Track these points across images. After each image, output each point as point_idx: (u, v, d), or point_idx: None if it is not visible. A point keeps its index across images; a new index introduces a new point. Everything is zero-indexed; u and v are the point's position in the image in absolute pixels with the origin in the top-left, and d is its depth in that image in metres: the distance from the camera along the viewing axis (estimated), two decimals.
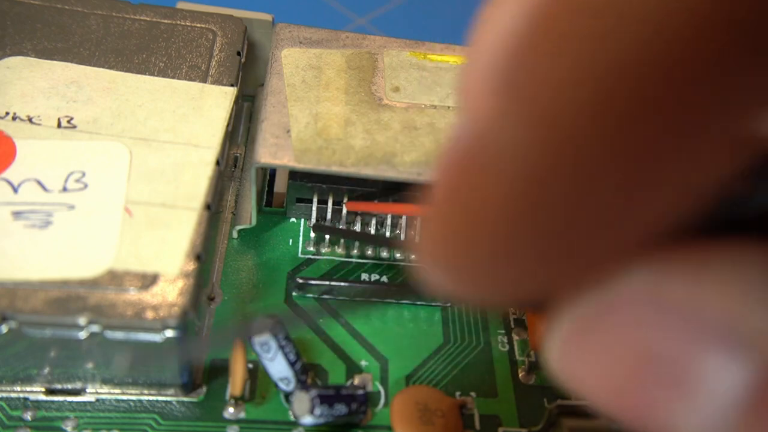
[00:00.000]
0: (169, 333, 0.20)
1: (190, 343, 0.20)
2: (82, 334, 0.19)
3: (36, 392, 0.21)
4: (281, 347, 0.21)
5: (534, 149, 0.08)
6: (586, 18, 0.07)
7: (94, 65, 0.26)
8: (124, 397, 0.22)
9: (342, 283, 0.25)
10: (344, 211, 0.27)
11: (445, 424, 0.22)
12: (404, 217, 0.27)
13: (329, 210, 0.27)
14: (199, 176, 0.23)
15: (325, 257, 0.26)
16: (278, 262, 0.26)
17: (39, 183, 0.22)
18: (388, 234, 0.27)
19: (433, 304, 0.26)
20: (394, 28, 0.41)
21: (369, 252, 0.27)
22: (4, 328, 0.19)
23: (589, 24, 0.07)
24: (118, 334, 0.20)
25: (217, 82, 0.26)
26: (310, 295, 0.25)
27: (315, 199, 0.27)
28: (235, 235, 0.27)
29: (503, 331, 0.25)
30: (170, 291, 0.20)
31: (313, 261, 0.26)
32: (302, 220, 0.28)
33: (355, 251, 0.27)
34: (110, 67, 0.26)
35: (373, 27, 0.42)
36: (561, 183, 0.08)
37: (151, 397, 0.22)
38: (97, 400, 0.22)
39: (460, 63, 0.29)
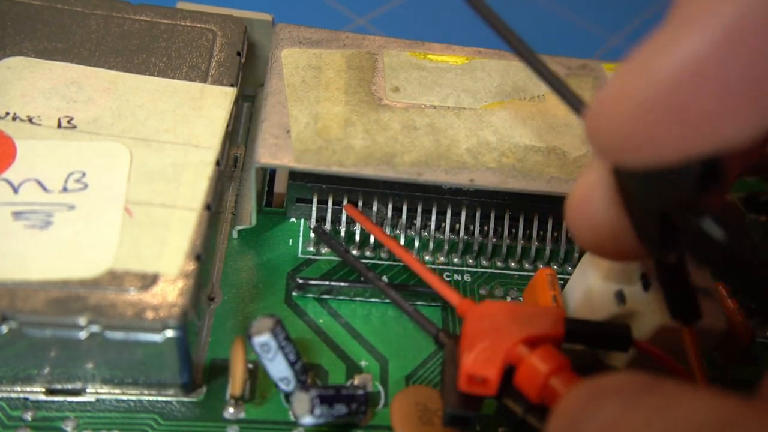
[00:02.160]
0: (169, 333, 0.20)
1: None
2: (82, 335, 0.19)
3: (36, 392, 0.21)
4: (281, 347, 0.21)
5: None
6: None
7: (94, 65, 0.26)
8: (124, 397, 0.22)
9: (342, 283, 0.25)
10: (344, 211, 0.27)
11: None
12: (404, 217, 0.27)
13: (329, 210, 0.27)
14: (199, 176, 0.23)
15: (325, 257, 0.26)
16: (278, 262, 0.26)
17: (39, 183, 0.22)
18: (388, 231, 0.27)
19: (432, 304, 0.26)
20: (394, 28, 0.41)
21: (369, 252, 0.27)
22: (4, 328, 0.19)
23: None
24: (118, 334, 0.20)
25: (217, 82, 0.26)
26: (310, 295, 0.25)
27: (315, 200, 0.27)
28: (235, 235, 0.27)
29: None
30: (170, 291, 0.20)
31: (313, 261, 0.26)
32: (302, 220, 0.28)
33: (355, 251, 0.27)
34: (110, 67, 0.26)
35: (373, 27, 0.42)
36: None
37: (151, 397, 0.22)
38: (97, 400, 0.22)
39: (460, 63, 0.29)
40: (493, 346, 0.19)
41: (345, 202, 0.27)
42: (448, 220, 0.27)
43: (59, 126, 0.24)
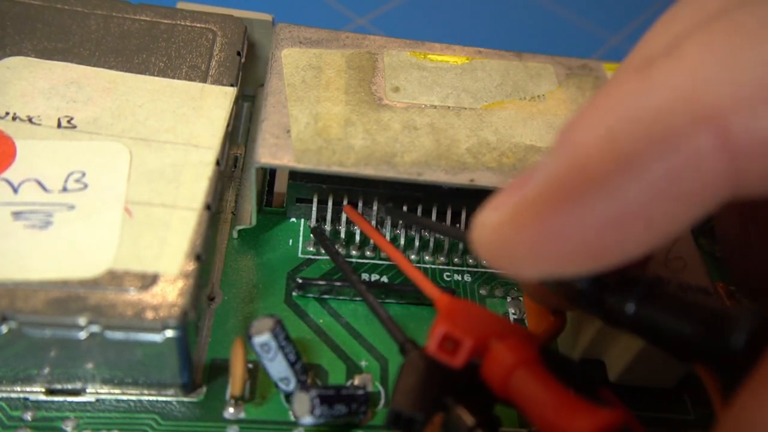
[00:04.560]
0: (169, 333, 0.20)
1: None
2: (82, 335, 0.19)
3: (36, 392, 0.21)
4: (281, 347, 0.21)
5: None
6: None
7: (94, 65, 0.26)
8: (124, 397, 0.22)
9: (342, 283, 0.25)
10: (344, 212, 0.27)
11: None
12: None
13: (329, 210, 0.27)
14: (199, 176, 0.23)
15: (325, 257, 0.26)
16: (278, 262, 0.26)
17: (39, 183, 0.22)
18: (388, 235, 0.27)
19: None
20: (394, 28, 0.41)
21: (369, 252, 0.27)
22: (4, 328, 0.19)
23: None
24: (118, 335, 0.20)
25: (217, 82, 0.26)
26: (310, 295, 0.25)
27: (315, 199, 0.27)
28: (235, 235, 0.27)
29: None
30: (170, 291, 0.20)
31: (313, 261, 0.26)
32: (302, 220, 0.28)
33: (355, 251, 0.27)
34: (110, 67, 0.26)
35: (373, 27, 0.42)
36: None
37: (151, 397, 0.22)
38: (97, 400, 0.22)
39: (461, 63, 0.29)
40: (472, 322, 0.18)
41: (345, 202, 0.27)
42: (448, 220, 0.27)
43: (59, 126, 0.24)
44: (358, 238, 0.27)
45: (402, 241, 0.27)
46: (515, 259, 0.14)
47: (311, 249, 0.27)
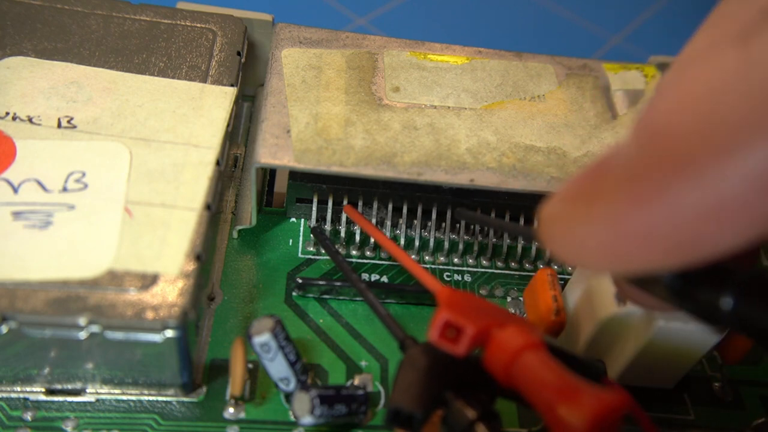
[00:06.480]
0: (169, 333, 0.20)
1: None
2: (82, 335, 0.19)
3: (36, 392, 0.21)
4: (281, 347, 0.21)
5: None
6: None
7: (94, 65, 0.26)
8: (124, 397, 0.22)
9: (342, 283, 0.25)
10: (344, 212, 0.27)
11: None
12: (404, 217, 0.27)
13: (329, 210, 0.27)
14: (199, 176, 0.23)
15: (325, 257, 0.26)
16: (278, 262, 0.26)
17: (39, 183, 0.22)
18: (388, 234, 0.27)
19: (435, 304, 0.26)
20: (394, 28, 0.41)
21: (369, 252, 0.27)
22: (4, 328, 0.19)
23: None
24: (118, 335, 0.20)
25: (217, 82, 0.26)
26: (311, 295, 0.25)
27: (315, 199, 0.27)
28: (235, 235, 0.27)
29: None
30: (170, 291, 0.20)
31: (313, 261, 0.26)
32: (302, 220, 0.28)
33: (356, 252, 0.27)
34: (110, 67, 0.26)
35: (373, 27, 0.42)
36: None
37: (151, 397, 0.22)
38: (97, 400, 0.22)
39: (461, 63, 0.29)
40: (473, 312, 0.18)
41: (345, 202, 0.27)
42: (448, 220, 0.27)
43: (59, 126, 0.24)
44: (358, 238, 0.27)
45: (402, 241, 0.27)
46: (585, 254, 0.13)
47: (311, 249, 0.27)
